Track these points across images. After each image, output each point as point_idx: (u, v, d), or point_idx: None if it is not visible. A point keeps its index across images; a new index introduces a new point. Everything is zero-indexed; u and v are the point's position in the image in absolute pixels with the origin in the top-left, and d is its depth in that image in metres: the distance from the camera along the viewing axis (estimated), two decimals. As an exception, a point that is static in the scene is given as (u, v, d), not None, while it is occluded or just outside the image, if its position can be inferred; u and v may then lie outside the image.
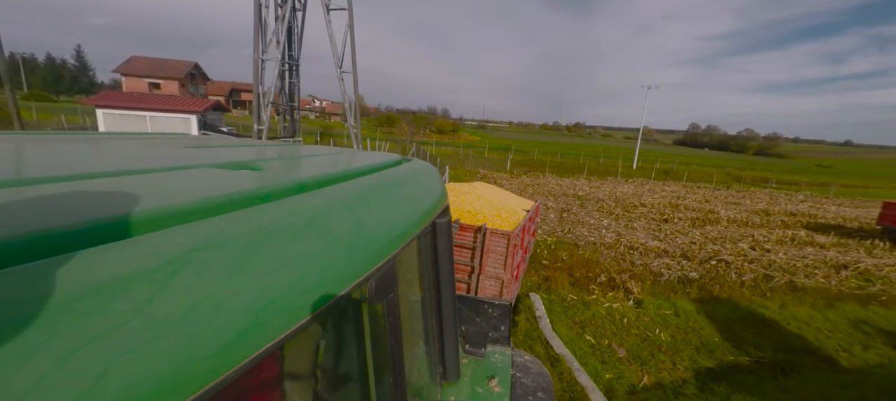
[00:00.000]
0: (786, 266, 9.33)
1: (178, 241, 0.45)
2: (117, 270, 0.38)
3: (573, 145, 74.47)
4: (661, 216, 14.39)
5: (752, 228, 13.82)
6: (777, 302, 7.38)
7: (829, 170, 66.02)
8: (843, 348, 5.95)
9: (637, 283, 7.42)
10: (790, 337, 6.14)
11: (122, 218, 0.46)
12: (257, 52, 12.92)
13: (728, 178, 36.20)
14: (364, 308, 0.78)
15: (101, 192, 0.59)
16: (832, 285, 8.40)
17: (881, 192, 32.04)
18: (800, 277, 8.62)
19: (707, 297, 7.33)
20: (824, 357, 5.67)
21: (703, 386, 4.69)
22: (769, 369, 5.25)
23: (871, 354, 5.86)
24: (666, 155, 64.01)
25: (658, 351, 5.41)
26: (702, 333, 6.03)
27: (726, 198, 21.64)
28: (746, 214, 16.38)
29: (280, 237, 0.55)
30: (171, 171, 0.80)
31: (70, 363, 0.31)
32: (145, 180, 0.68)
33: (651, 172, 33.43)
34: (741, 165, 58.93)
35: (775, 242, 11.77)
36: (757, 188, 29.85)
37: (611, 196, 18.43)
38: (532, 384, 2.04)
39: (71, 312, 0.33)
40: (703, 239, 11.27)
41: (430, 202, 1.18)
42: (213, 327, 0.41)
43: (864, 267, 9.77)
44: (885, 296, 8.10)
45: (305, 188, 0.74)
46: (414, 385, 1.22)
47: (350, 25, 15.01)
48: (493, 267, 5.31)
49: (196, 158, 1.00)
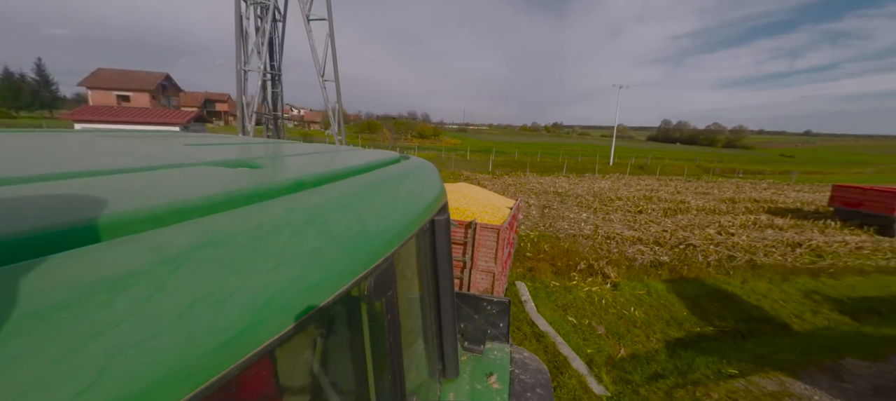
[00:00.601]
0: (747, 247, 10.15)
1: (179, 238, 0.45)
2: (118, 268, 0.38)
3: (552, 145, 76.11)
4: (635, 208, 15.20)
5: (719, 215, 14.78)
6: (739, 279, 8.10)
7: (791, 159, 69.89)
8: (795, 315, 6.64)
9: (614, 268, 8.00)
10: (750, 308, 6.80)
11: (123, 215, 0.46)
12: (240, 63, 13.01)
13: (698, 170, 37.95)
14: (363, 306, 0.79)
15: (102, 189, 0.59)
16: (788, 262, 9.22)
17: (837, 177, 34.27)
18: (759, 256, 9.42)
19: (677, 277, 7.97)
20: (779, 323, 6.34)
21: (672, 353, 5.23)
22: (731, 336, 5.86)
23: (820, 318, 6.58)
24: (640, 151, 66.34)
25: (633, 327, 5.94)
26: (672, 309, 6.62)
27: (696, 189, 22.84)
28: (714, 202, 17.44)
29: (279, 235, 0.55)
30: (171, 168, 0.81)
31: (71, 359, 0.31)
32: (146, 178, 0.69)
33: (626, 168, 34.77)
34: (710, 157, 61.68)
35: (739, 226, 12.69)
36: (725, 179, 31.50)
37: (589, 192, 19.23)
38: (531, 381, 2.05)
39: (72, 308, 0.33)
40: (673, 227, 12.05)
41: (429, 200, 1.18)
42: (213, 325, 0.42)
43: (816, 244, 10.72)
44: (832, 269, 8.97)
45: (304, 186, 0.75)
46: (413, 382, 1.22)
47: (331, 35, 15.26)
48: (484, 261, 5.57)
49: (196, 156, 1.01)
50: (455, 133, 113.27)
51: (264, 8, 13.56)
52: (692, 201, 17.30)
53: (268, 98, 15.29)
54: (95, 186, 0.60)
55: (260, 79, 13.34)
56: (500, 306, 2.22)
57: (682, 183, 26.06)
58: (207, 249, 0.46)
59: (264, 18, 13.24)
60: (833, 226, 13.27)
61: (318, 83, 15.05)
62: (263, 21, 13.16)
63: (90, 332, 0.33)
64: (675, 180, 27.83)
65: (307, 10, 14.88)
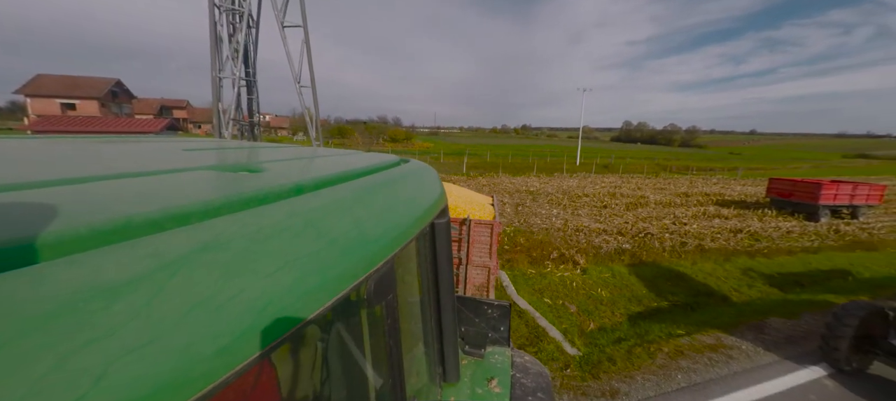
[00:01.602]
0: (697, 234, 11.40)
1: (178, 243, 0.45)
2: (116, 273, 0.38)
3: (522, 147, 78.29)
4: (601, 203, 16.40)
5: (674, 207, 16.24)
6: (689, 261, 9.19)
7: (739, 156, 75.80)
8: (734, 289, 7.72)
9: (583, 256, 8.87)
10: (698, 285, 7.82)
11: (122, 220, 0.46)
12: (215, 70, 12.99)
13: (657, 168, 40.63)
14: (363, 309, 0.79)
15: (100, 194, 0.60)
16: (730, 245, 10.48)
17: (778, 172, 37.78)
18: (707, 242, 10.65)
19: (637, 262, 8.95)
20: (721, 296, 7.36)
21: (633, 324, 6.07)
22: (682, 308, 6.79)
23: (754, 291, 7.68)
24: (604, 151, 69.75)
25: (600, 304, 6.76)
26: (633, 288, 7.52)
27: (655, 185, 24.63)
28: (670, 196, 19.04)
29: (278, 239, 0.55)
30: (170, 173, 0.81)
31: (69, 365, 0.31)
32: (144, 183, 0.70)
33: (592, 167, 36.70)
34: (668, 156, 65.89)
35: (691, 216, 14.08)
36: (680, 176, 33.97)
37: (558, 190, 20.37)
38: (532, 385, 2.03)
39: (71, 313, 0.33)
40: (634, 219, 13.23)
41: (429, 203, 1.17)
42: (213, 329, 0.41)
43: (754, 230, 12.17)
44: (767, 250, 10.31)
45: (304, 190, 0.75)
46: (413, 386, 1.21)
47: (306, 42, 15.46)
48: (479, 256, 5.63)
49: (195, 161, 1.01)
50: (427, 136, 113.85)
51: (239, 15, 13.60)
52: (651, 196, 18.81)
53: (242, 104, 15.28)
54: (93, 192, 0.60)
55: (235, 86, 13.35)
56: (500, 310, 2.21)
57: (642, 180, 27.94)
58: (206, 254, 0.46)
59: (239, 25, 13.28)
60: (769, 214, 14.98)
61: (295, 90, 15.20)
62: (237, 28, 13.20)
63: (87, 338, 0.33)
64: (636, 178, 29.75)
65: (282, 17, 15.02)
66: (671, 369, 4.50)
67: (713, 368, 4.54)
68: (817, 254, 10.40)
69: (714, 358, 4.73)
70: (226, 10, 13.61)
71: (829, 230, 12.88)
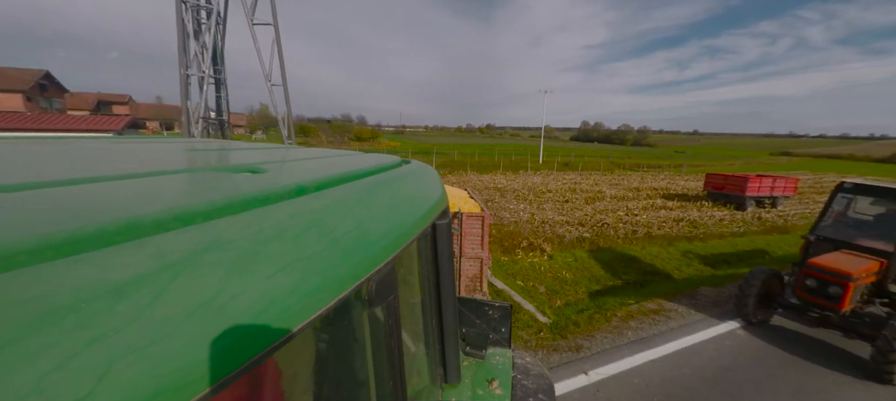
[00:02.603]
0: (646, 223, 12.83)
1: (181, 243, 0.46)
2: (119, 273, 0.39)
3: (488, 146, 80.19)
4: (563, 198, 17.72)
5: (627, 200, 17.89)
6: (639, 246, 10.46)
7: (683, 154, 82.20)
8: (675, 268, 8.99)
9: (549, 244, 9.86)
10: (646, 266, 9.02)
11: (125, 221, 0.46)
12: (183, 67, 12.72)
13: (612, 165, 43.49)
14: (364, 310, 0.79)
15: (104, 194, 0.60)
16: (673, 232, 11.96)
17: (716, 168, 41.69)
18: (654, 230, 12.07)
19: (595, 248, 10.07)
20: (665, 274, 8.58)
21: (593, 298, 7.04)
22: (633, 285, 7.89)
23: (691, 269, 8.99)
24: (565, 150, 73.21)
25: (565, 285, 7.70)
26: (592, 270, 8.57)
27: (610, 181, 26.64)
28: (624, 191, 20.84)
29: (281, 239, 0.56)
30: (173, 174, 0.82)
31: (72, 364, 0.31)
32: (148, 183, 0.70)
33: (554, 165, 38.69)
34: (622, 154, 70.32)
35: (641, 208, 15.68)
36: (632, 172, 36.72)
37: (524, 186, 21.60)
38: (533, 386, 2.02)
39: (74, 313, 0.33)
40: (593, 211, 14.56)
41: (430, 204, 1.18)
42: (216, 330, 0.41)
43: (693, 218, 13.86)
44: (702, 235, 11.88)
45: (306, 191, 0.75)
46: (414, 387, 1.21)
47: (277, 40, 15.40)
48: (472, 248, 5.73)
49: (197, 161, 1.02)
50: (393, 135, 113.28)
51: (207, 12, 13.37)
52: (607, 191, 20.49)
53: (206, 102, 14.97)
54: (98, 192, 0.61)
55: (205, 84, 13.12)
56: (502, 311, 2.21)
57: (599, 177, 30.03)
58: (209, 255, 0.46)
59: (208, 22, 13.05)
60: (706, 205, 16.98)
61: (267, 88, 15.10)
62: (205, 25, 12.96)
63: (91, 337, 0.33)
64: (594, 175, 31.88)
65: (251, 15, 14.89)
66: (623, 328, 5.47)
67: (656, 326, 5.56)
68: (743, 237, 12.13)
69: (657, 319, 5.77)
70: (191, 5, 13.34)
71: (753, 218, 14.92)
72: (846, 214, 6.12)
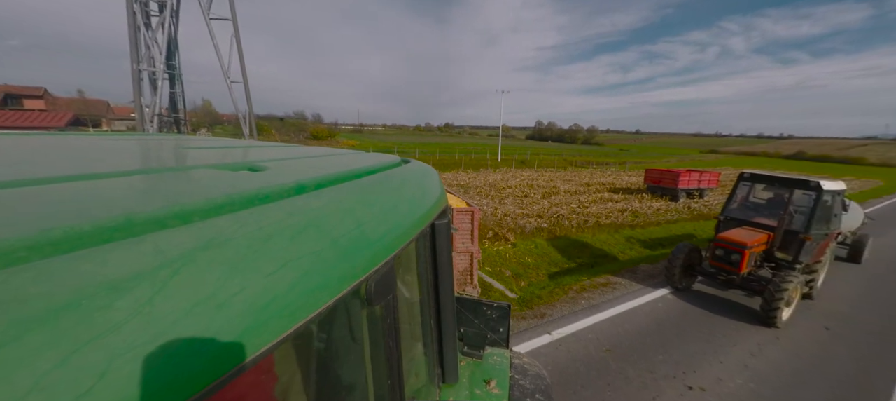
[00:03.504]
0: (596, 214, 14.28)
1: (180, 241, 0.46)
2: (119, 270, 0.39)
3: (448, 144, 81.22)
4: (522, 194, 18.96)
5: (579, 194, 19.52)
6: (590, 234, 11.73)
7: (627, 152, 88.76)
8: (621, 251, 10.28)
9: (512, 234, 10.80)
10: (596, 250, 10.23)
11: (125, 218, 0.46)
12: (135, 62, 12.13)
13: (565, 163, 46.24)
14: (363, 309, 0.79)
15: (104, 192, 0.60)
16: (618, 221, 13.46)
17: (655, 164, 45.79)
18: (603, 219, 13.49)
19: (553, 236, 11.18)
20: (612, 257, 9.81)
21: (552, 278, 8.01)
22: (585, 266, 9.00)
23: (633, 251, 10.33)
24: (521, 148, 76.19)
25: (528, 268, 8.62)
26: (551, 255, 9.60)
27: (564, 177, 28.57)
28: (576, 186, 22.61)
29: (280, 238, 0.56)
30: (173, 171, 0.82)
31: (72, 361, 0.31)
32: (147, 181, 0.71)
33: (512, 163, 40.50)
34: (573, 152, 74.57)
35: (591, 201, 17.27)
36: (583, 169, 39.40)
37: (485, 183, 22.67)
38: (530, 386, 2.03)
39: (74, 310, 0.33)
40: (549, 204, 15.85)
41: (430, 204, 1.18)
42: (214, 327, 0.42)
43: (635, 209, 15.59)
44: (643, 223, 13.49)
45: (305, 189, 0.76)
46: (412, 386, 1.22)
47: (235, 36, 15.02)
48: (462, 242, 5.91)
49: (197, 159, 1.04)
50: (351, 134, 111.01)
51: (160, 4, 12.82)
52: (561, 186, 22.13)
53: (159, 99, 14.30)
54: (97, 189, 0.61)
55: (160, 79, 12.56)
56: (500, 311, 2.22)
57: (553, 173, 32.00)
58: (208, 252, 0.46)
59: (161, 15, 12.50)
60: (646, 197, 19.02)
61: (226, 85, 14.69)
62: (161, 17, 12.40)
63: (91, 335, 0.33)
64: (549, 172, 33.88)
65: (208, 10, 14.44)
66: (578, 299, 6.44)
67: (604, 295, 6.60)
68: (676, 224, 13.93)
69: (605, 290, 6.83)
70: (143, -2, 12.75)
71: (684, 207, 17.03)
72: (748, 198, 7.58)
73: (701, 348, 5.11)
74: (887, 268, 9.21)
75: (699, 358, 4.89)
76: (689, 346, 5.17)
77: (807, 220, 6.30)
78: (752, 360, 4.90)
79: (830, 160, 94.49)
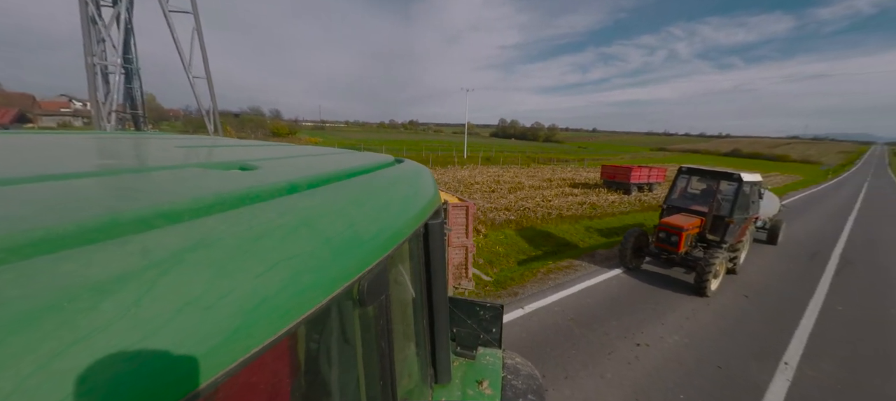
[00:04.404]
0: (558, 207, 15.38)
1: (168, 241, 0.45)
2: (104, 271, 0.37)
3: (414, 142, 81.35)
4: (490, 189, 19.83)
5: (542, 189, 20.71)
6: (554, 224, 12.73)
7: (586, 150, 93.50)
8: (580, 239, 11.31)
9: (483, 226, 11.52)
10: (560, 239, 11.18)
11: (111, 218, 0.45)
12: (90, 56, 11.50)
13: (528, 160, 48.11)
14: (356, 310, 0.79)
15: (90, 191, 0.59)
16: (578, 213, 14.62)
17: (611, 161, 48.80)
18: (564, 211, 14.59)
19: (520, 227, 12.04)
20: (573, 245, 10.80)
21: (521, 265, 8.79)
22: (550, 253, 9.88)
23: (591, 239, 11.40)
24: (486, 145, 77.98)
25: (499, 257, 9.35)
26: (519, 244, 10.41)
27: (528, 173, 29.93)
28: (539, 182, 23.88)
29: (271, 238, 0.55)
30: (161, 170, 0.81)
31: (55, 365, 0.30)
32: (134, 180, 0.70)
33: (478, 160, 41.57)
34: (535, 150, 77.51)
35: (554, 195, 18.46)
36: (545, 165, 41.31)
37: (454, 179, 23.35)
38: (523, 386, 2.04)
39: (56, 312, 0.32)
40: (515, 199, 16.80)
41: (423, 204, 1.17)
42: (203, 329, 0.41)
43: (593, 202, 16.92)
44: (600, 214, 14.75)
45: (297, 189, 0.75)
46: (405, 387, 1.21)
47: (197, 29, 14.53)
48: (457, 237, 5.94)
49: (186, 158, 1.02)
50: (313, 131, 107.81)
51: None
52: (526, 182, 23.29)
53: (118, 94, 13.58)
54: (83, 188, 0.60)
55: (117, 74, 11.95)
56: (493, 311, 2.22)
57: (518, 169, 33.36)
58: (197, 252, 0.45)
59: (116, 7, 11.88)
60: (603, 191, 20.57)
61: (188, 80, 14.18)
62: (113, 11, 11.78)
63: (74, 337, 0.32)
64: (513, 168, 35.24)
65: (166, 2, 13.87)
66: (546, 279, 7.24)
67: (567, 276, 7.45)
68: (628, 215, 15.34)
69: (568, 272, 7.69)
70: (95, -12, 12.09)
71: (636, 200, 18.68)
72: (686, 189, 8.77)
73: (647, 315, 6.04)
74: (797, 248, 10.90)
75: (645, 322, 5.80)
76: (638, 313, 6.09)
77: (731, 206, 7.49)
78: (686, 322, 5.89)
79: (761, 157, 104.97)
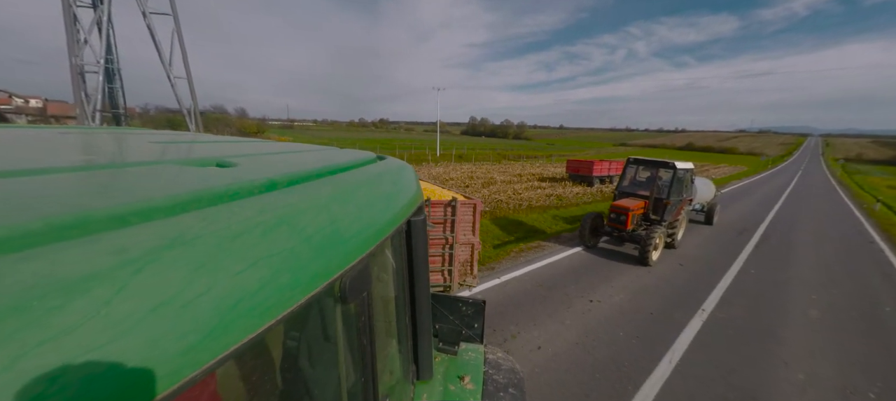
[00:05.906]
0: (528, 199, 16.83)
1: (142, 239, 0.44)
2: (74, 270, 0.37)
3: (386, 140, 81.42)
4: (464, 184, 21.06)
5: (513, 183, 22.21)
6: (524, 214, 14.11)
7: (553, 146, 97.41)
8: (548, 226, 12.72)
9: (462, 216, 12.71)
10: (530, 227, 12.54)
11: (82, 215, 0.44)
12: (73, 56, 11.58)
13: (499, 157, 49.91)
14: (337, 307, 0.78)
15: (61, 187, 0.58)
16: (547, 204, 16.13)
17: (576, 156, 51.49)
18: (534, 203, 16.05)
19: (495, 217, 13.32)
20: (541, 231, 12.18)
21: (497, 248, 10.04)
22: (521, 238, 11.18)
23: (558, 226, 12.85)
24: (458, 143, 79.46)
25: (477, 241, 10.56)
26: (494, 232, 11.66)
27: (499, 169, 31.45)
28: (510, 177, 25.41)
29: (250, 235, 0.54)
30: (136, 166, 0.79)
31: (20, 366, 0.30)
32: (108, 176, 0.68)
33: (451, 157, 42.81)
34: (505, 146, 79.96)
35: (524, 189, 19.96)
36: (515, 161, 43.17)
37: (429, 176, 24.37)
38: (504, 381, 2.06)
39: (22, 312, 0.32)
40: (489, 193, 18.11)
41: (406, 200, 1.17)
42: (179, 328, 0.40)
43: (559, 193, 18.55)
44: (566, 204, 16.34)
45: (277, 186, 0.74)
46: (386, 384, 1.21)
47: (177, 30, 14.70)
48: (464, 234, 5.90)
49: (162, 154, 1.01)
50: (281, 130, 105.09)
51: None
52: (498, 177, 24.74)
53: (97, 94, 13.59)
54: (53, 184, 0.59)
55: (100, 74, 12.04)
56: (475, 307, 2.23)
57: (490, 166, 34.85)
58: (173, 250, 0.44)
59: (99, 9, 11.94)
60: (568, 184, 22.35)
61: (169, 80, 14.32)
62: (98, 11, 11.83)
63: (42, 338, 0.31)
64: (485, 164, 36.71)
65: (145, 3, 14.00)
66: (518, 258, 8.52)
67: (536, 254, 8.78)
68: (591, 204, 17.04)
69: (537, 251, 9.01)
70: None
71: (598, 191, 20.54)
72: (634, 177, 10.33)
73: (600, 280, 7.44)
74: (729, 228, 12.87)
75: (598, 286, 7.18)
76: (592, 279, 7.47)
77: (668, 189, 9.06)
78: (631, 284, 7.33)
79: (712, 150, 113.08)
